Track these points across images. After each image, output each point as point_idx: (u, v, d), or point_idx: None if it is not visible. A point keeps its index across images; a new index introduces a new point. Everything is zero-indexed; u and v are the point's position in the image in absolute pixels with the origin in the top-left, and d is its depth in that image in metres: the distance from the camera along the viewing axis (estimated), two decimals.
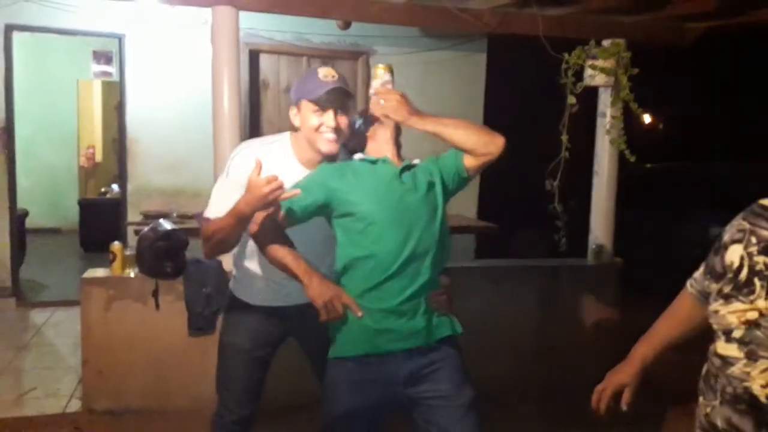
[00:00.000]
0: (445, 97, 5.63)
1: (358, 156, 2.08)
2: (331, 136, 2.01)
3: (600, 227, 4.01)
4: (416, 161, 2.07)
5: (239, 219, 1.87)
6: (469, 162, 1.95)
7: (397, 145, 2.09)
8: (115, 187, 7.90)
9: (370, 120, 2.07)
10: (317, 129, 2.00)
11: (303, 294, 2.12)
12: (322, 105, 1.98)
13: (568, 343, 3.81)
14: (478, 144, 1.90)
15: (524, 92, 7.43)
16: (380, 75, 2.06)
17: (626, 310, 4.05)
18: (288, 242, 1.95)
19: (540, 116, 7.78)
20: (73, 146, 8.80)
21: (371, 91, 2.11)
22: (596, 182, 4.01)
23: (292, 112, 2.07)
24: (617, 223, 4.01)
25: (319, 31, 5.45)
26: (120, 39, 5.24)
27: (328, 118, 1.99)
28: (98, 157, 9.11)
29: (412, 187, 1.97)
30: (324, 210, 1.94)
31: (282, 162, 2.03)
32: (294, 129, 2.11)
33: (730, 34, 4.17)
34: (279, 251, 1.89)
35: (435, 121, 1.92)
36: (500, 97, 6.37)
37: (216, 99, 3.44)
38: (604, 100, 3.87)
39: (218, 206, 2.00)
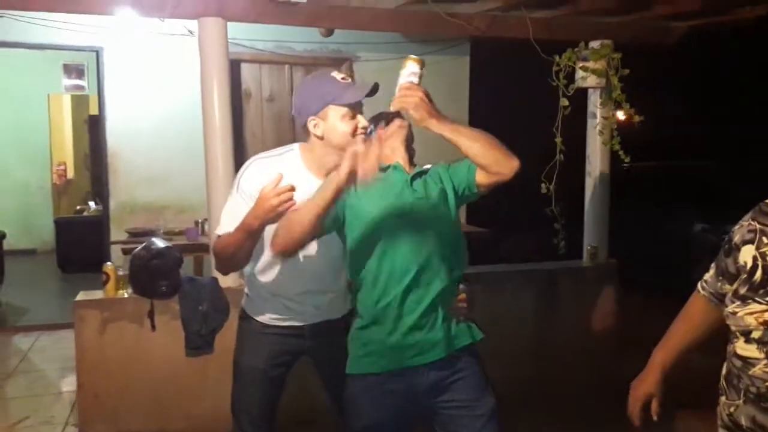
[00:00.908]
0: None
1: None
2: (363, 136, 1.93)
3: (594, 228, 4.03)
4: (428, 167, 2.03)
5: (249, 233, 1.83)
6: (481, 178, 1.87)
7: (410, 152, 2.06)
8: (92, 204, 7.73)
9: (383, 122, 2.02)
10: (353, 134, 1.92)
11: (318, 312, 2.12)
12: (355, 108, 1.92)
13: (569, 346, 3.81)
14: (492, 161, 1.80)
15: (508, 94, 7.47)
16: (409, 66, 1.85)
17: (621, 309, 4.07)
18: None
19: (525, 118, 7.85)
20: (45, 163, 8.58)
21: (399, 82, 2.05)
22: (589, 183, 4.03)
23: (312, 123, 1.94)
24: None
25: (302, 38, 5.39)
26: (98, 52, 5.11)
27: (361, 119, 1.94)
28: (70, 174, 8.92)
29: (424, 195, 1.93)
30: (337, 221, 1.89)
31: (294, 174, 1.94)
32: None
33: (712, 34, 4.23)
34: (304, 208, 1.74)
35: (453, 128, 1.82)
36: (484, 100, 6.39)
37: (206, 111, 3.37)
38: (594, 101, 3.89)
39: (229, 222, 1.94)
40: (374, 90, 1.94)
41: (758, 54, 7.34)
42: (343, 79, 1.95)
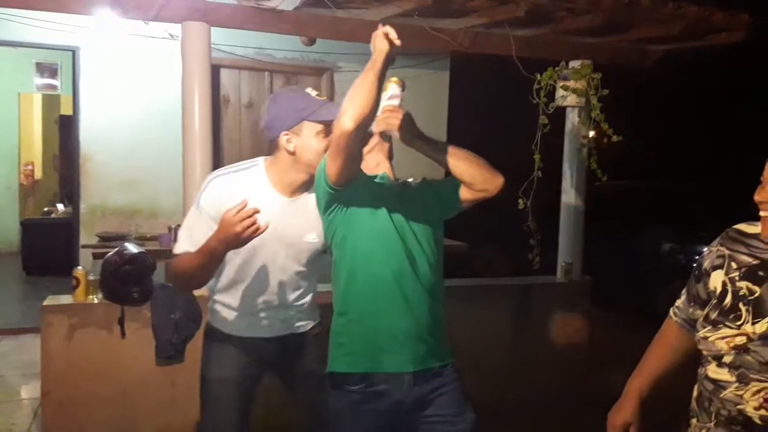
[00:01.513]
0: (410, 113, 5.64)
1: None
2: None
3: (569, 245, 4.07)
4: (410, 180, 2.04)
5: (213, 257, 1.80)
6: (465, 195, 1.92)
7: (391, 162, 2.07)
8: (60, 206, 7.55)
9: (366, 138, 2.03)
10: (325, 151, 1.89)
11: (284, 326, 2.08)
12: (329, 126, 1.88)
13: (541, 361, 3.83)
14: (477, 179, 1.87)
15: (485, 110, 7.56)
16: (391, 89, 2.00)
17: (594, 325, 4.12)
18: None
19: (502, 134, 7.96)
20: (13, 162, 8.39)
21: (381, 103, 2.07)
22: (564, 200, 4.08)
23: (285, 138, 1.90)
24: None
25: (282, 46, 5.38)
26: (74, 51, 5.02)
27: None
28: (38, 174, 8.71)
29: (411, 206, 1.95)
30: (327, 236, 1.89)
31: (258, 191, 1.93)
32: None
33: (685, 57, 4.34)
34: (363, 86, 1.73)
35: (437, 147, 1.90)
36: (462, 115, 6.45)
37: (186, 116, 3.32)
38: (572, 119, 3.95)
39: (189, 241, 1.89)
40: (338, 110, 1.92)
41: (732, 78, 7.56)
42: (317, 96, 1.95)
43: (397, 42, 1.72)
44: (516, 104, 5.74)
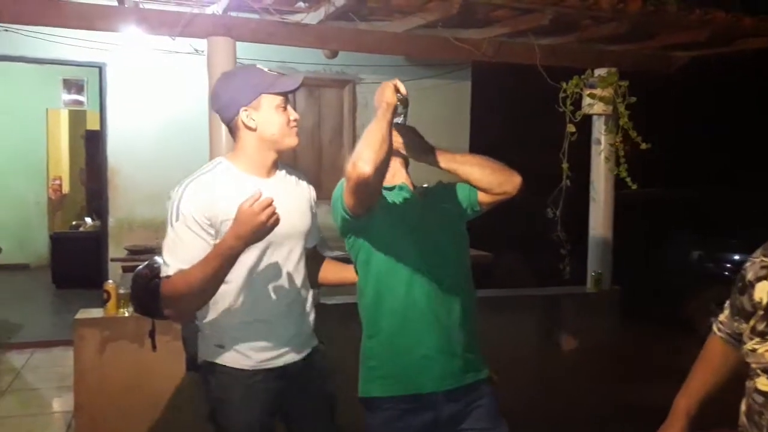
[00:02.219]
0: (431, 124, 5.60)
1: None
2: (296, 128, 1.89)
3: (598, 254, 4.01)
4: (426, 185, 2.03)
5: (229, 258, 1.65)
6: (483, 198, 1.90)
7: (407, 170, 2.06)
8: (88, 219, 7.67)
9: None
10: (288, 124, 1.86)
11: (300, 340, 1.93)
12: (289, 97, 1.86)
13: (572, 373, 3.78)
14: (494, 183, 1.84)
15: (509, 119, 7.53)
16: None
17: (623, 337, 4.06)
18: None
19: (525, 142, 7.91)
20: (42, 178, 8.56)
21: None
22: (593, 209, 4.03)
23: (245, 114, 1.82)
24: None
25: (305, 59, 5.42)
26: (101, 68, 5.11)
27: (291, 111, 1.88)
28: (65, 189, 8.88)
29: (435, 213, 1.94)
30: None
31: (237, 182, 1.84)
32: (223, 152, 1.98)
33: (712, 63, 4.28)
34: (372, 135, 1.69)
35: (450, 158, 1.87)
36: (485, 123, 6.43)
37: (213, 130, 3.34)
38: (599, 127, 3.91)
39: (179, 257, 1.73)
40: (299, 80, 1.90)
41: (761, 83, 7.44)
42: (270, 70, 1.90)
43: (404, 92, 1.74)
44: (539, 113, 5.71)
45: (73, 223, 8.05)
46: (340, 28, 3.52)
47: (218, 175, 1.86)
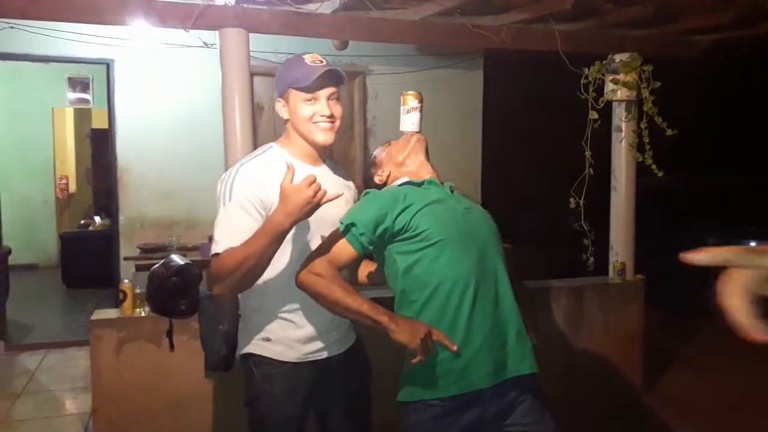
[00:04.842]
0: (444, 114, 5.57)
1: (400, 181, 1.97)
2: (327, 124, 1.87)
3: (620, 244, 3.93)
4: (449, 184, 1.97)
5: (277, 235, 1.67)
6: None
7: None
8: (97, 218, 7.62)
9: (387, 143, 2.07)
10: (311, 119, 1.85)
11: (342, 331, 1.96)
12: (313, 92, 1.83)
13: (596, 363, 3.71)
14: None
15: (521, 108, 7.43)
16: (409, 101, 2.03)
17: (647, 326, 3.98)
18: (350, 285, 1.79)
19: (539, 130, 7.82)
20: (48, 177, 8.50)
21: (401, 117, 2.06)
22: (614, 198, 3.94)
23: (279, 105, 1.89)
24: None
25: (315, 51, 5.30)
26: (108, 64, 5.03)
27: (321, 106, 1.85)
28: (72, 188, 8.82)
29: (469, 204, 1.89)
30: (384, 242, 1.80)
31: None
32: (275, 138, 1.98)
33: (737, 47, 4.17)
34: (352, 299, 1.70)
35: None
36: (498, 113, 6.34)
37: (227, 125, 3.27)
38: (619, 114, 3.82)
39: (230, 235, 1.75)
40: (332, 75, 1.85)
41: None
42: (312, 61, 1.85)
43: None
44: (554, 101, 5.61)
45: (82, 222, 8.00)
46: (354, 18, 3.43)
47: (270, 158, 1.89)
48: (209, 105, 4.88)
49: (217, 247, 1.77)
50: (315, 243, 1.86)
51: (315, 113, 1.84)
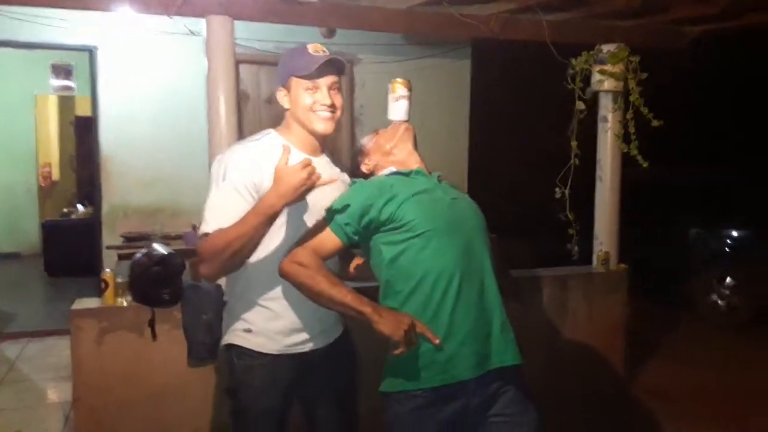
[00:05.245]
0: (431, 104, 5.55)
1: (387, 170, 1.95)
2: (327, 114, 1.86)
3: (605, 233, 3.94)
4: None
5: (268, 218, 1.66)
6: None
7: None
8: (80, 206, 7.53)
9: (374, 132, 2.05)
10: (311, 108, 1.85)
11: (328, 323, 1.94)
12: (314, 81, 1.83)
13: (580, 353, 3.74)
14: None
15: (509, 97, 7.43)
16: (398, 90, 2.02)
17: (630, 316, 4.01)
18: (335, 275, 1.77)
19: (526, 120, 7.82)
20: (31, 165, 8.39)
21: (388, 105, 2.04)
22: (600, 188, 3.94)
23: (281, 94, 1.89)
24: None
25: (302, 39, 5.24)
26: (91, 51, 4.96)
27: (322, 95, 1.84)
28: (55, 176, 8.71)
29: (456, 195, 1.87)
30: (370, 232, 1.78)
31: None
32: (275, 125, 1.96)
33: (723, 37, 4.18)
34: (336, 290, 1.69)
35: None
36: (486, 103, 6.33)
37: (211, 112, 3.23)
38: (606, 104, 3.82)
39: (221, 216, 1.73)
40: (334, 64, 1.85)
41: (760, 59, 7.35)
42: (315, 51, 1.85)
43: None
44: (541, 91, 5.60)
45: (64, 210, 7.90)
46: (341, 5, 3.39)
47: (268, 144, 1.87)
48: (194, 93, 4.83)
49: (207, 227, 1.75)
50: (303, 233, 1.85)
51: (315, 102, 1.84)
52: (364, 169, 2.02)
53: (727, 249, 5.74)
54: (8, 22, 4.58)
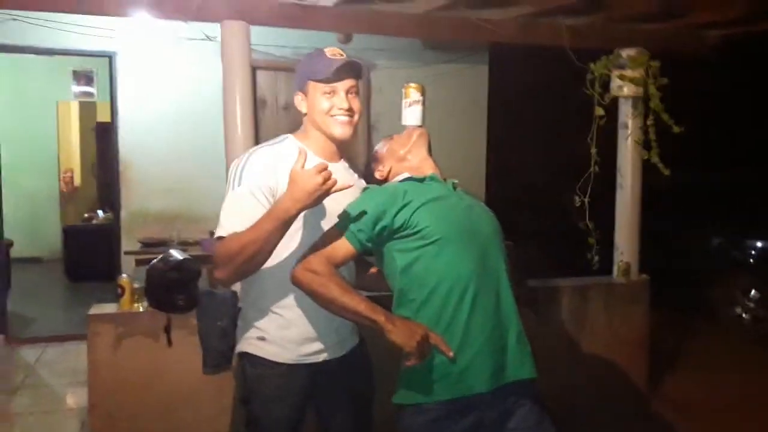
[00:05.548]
0: (448, 110, 5.52)
1: (401, 176, 1.93)
2: (345, 118, 1.84)
3: (625, 243, 3.87)
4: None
5: (283, 222, 1.63)
6: None
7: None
8: (100, 212, 7.61)
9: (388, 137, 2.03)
10: (328, 112, 1.83)
11: (342, 336, 1.91)
12: (332, 84, 1.81)
13: (601, 365, 3.66)
14: None
15: (526, 104, 7.37)
16: (411, 95, 2.00)
17: (652, 327, 3.93)
18: (348, 282, 1.74)
19: (544, 128, 7.75)
20: (53, 170, 8.49)
21: (402, 110, 2.01)
22: (620, 196, 3.88)
23: (298, 98, 1.89)
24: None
25: (319, 45, 5.26)
26: (111, 57, 5.00)
27: (340, 99, 1.82)
28: (77, 181, 8.81)
29: (472, 202, 1.84)
30: (383, 239, 1.75)
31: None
32: (293, 132, 1.94)
33: (746, 42, 4.10)
34: (349, 298, 1.65)
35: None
36: (503, 109, 6.27)
37: (228, 118, 3.24)
38: (626, 111, 3.75)
39: (236, 220, 1.71)
40: (352, 68, 1.83)
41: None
42: (332, 54, 1.84)
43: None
44: (560, 98, 5.53)
45: (85, 215, 7.98)
46: (358, 10, 3.38)
47: (284, 148, 1.86)
48: (212, 99, 4.83)
49: (222, 231, 1.74)
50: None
51: (333, 106, 1.83)
52: (377, 175, 1.99)
53: (751, 260, 5.62)
54: (28, 29, 4.63)
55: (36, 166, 8.25)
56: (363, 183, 2.03)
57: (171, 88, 5.15)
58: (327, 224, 1.83)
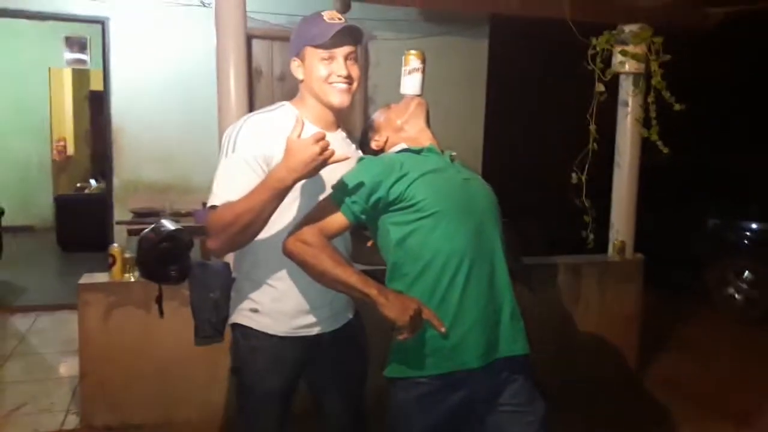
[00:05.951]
0: (447, 82, 5.43)
1: (397, 147, 1.88)
2: (343, 86, 1.76)
3: (621, 222, 3.86)
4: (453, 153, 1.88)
5: (278, 192, 1.57)
6: None
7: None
8: (93, 181, 7.54)
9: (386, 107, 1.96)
10: (326, 79, 1.75)
11: (336, 309, 1.88)
12: (330, 50, 1.73)
13: (593, 342, 3.68)
14: None
15: (527, 78, 7.29)
16: (411, 62, 1.93)
17: (645, 306, 3.94)
18: (341, 254, 1.71)
19: (545, 102, 7.68)
20: (45, 139, 8.39)
21: (402, 78, 1.95)
22: (617, 175, 3.86)
23: (295, 64, 1.79)
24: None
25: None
26: (103, 23, 4.90)
27: (338, 65, 1.74)
28: (70, 150, 8.72)
29: (469, 175, 1.79)
30: (378, 211, 1.71)
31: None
32: (290, 98, 1.86)
33: (749, 20, 4.04)
34: (341, 270, 1.62)
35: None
36: (503, 83, 6.20)
37: (221, 87, 3.17)
38: (626, 88, 3.71)
39: (229, 188, 1.66)
40: (351, 32, 1.76)
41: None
42: (330, 18, 1.75)
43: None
44: (561, 73, 5.46)
45: (78, 185, 7.92)
46: None
47: (280, 116, 1.79)
48: (207, 66, 4.74)
49: (215, 200, 1.69)
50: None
51: (331, 73, 1.75)
52: (373, 145, 1.94)
53: (745, 242, 5.61)
54: None
55: (27, 134, 8.18)
56: (361, 154, 1.98)
57: (165, 55, 5.06)
58: (324, 196, 1.78)
